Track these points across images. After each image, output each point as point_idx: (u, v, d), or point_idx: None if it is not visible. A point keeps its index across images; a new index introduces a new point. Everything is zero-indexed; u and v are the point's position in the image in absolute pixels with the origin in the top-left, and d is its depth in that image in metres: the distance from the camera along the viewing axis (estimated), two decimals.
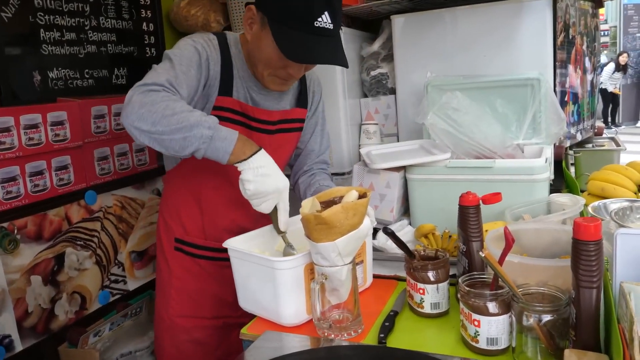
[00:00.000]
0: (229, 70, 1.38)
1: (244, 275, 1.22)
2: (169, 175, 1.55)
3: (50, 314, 1.79)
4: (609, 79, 10.99)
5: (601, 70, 10.86)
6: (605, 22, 13.93)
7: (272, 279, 1.11)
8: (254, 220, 1.44)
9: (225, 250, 1.42)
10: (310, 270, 1.13)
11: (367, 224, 1.12)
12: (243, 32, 1.40)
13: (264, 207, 1.25)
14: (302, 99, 1.56)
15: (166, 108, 1.17)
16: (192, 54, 1.31)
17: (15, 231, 1.67)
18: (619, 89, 11.26)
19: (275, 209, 1.28)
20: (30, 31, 1.77)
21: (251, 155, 1.20)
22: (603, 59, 11.18)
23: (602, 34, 13.40)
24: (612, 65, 11.03)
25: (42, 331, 1.77)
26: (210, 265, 1.52)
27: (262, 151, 1.23)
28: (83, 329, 1.89)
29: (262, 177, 1.21)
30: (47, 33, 1.82)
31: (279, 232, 1.31)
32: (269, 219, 1.32)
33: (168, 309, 1.53)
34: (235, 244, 1.24)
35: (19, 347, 1.69)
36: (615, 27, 13.48)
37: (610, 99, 11.19)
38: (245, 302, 1.25)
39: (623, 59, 10.97)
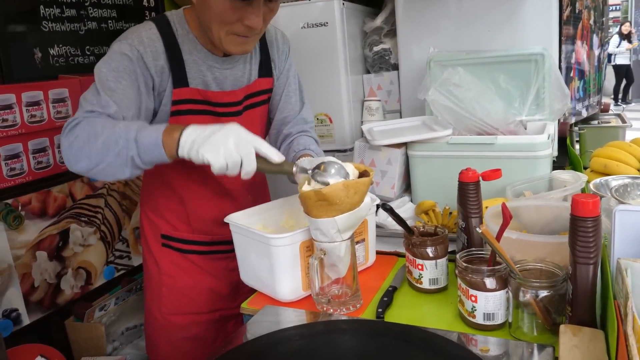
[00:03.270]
0: (178, 59, 1.25)
1: (243, 250, 1.23)
2: (146, 172, 1.40)
3: (56, 289, 1.82)
4: (619, 53, 10.78)
5: (607, 46, 10.68)
6: None
7: (268, 255, 1.12)
8: (243, 208, 1.36)
9: (216, 242, 1.43)
10: (307, 247, 1.13)
11: (368, 202, 1.12)
12: (187, 6, 1.29)
13: (247, 164, 1.06)
14: (264, 68, 1.42)
15: (89, 137, 1.08)
16: (119, 62, 1.18)
17: (20, 207, 1.69)
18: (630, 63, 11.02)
19: (254, 154, 1.08)
20: (30, 8, 1.76)
21: (179, 137, 1.06)
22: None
23: (614, 8, 13.15)
24: (616, 38, 10.81)
25: (49, 305, 1.80)
26: (201, 259, 1.46)
27: (189, 127, 1.08)
28: (89, 303, 1.92)
29: (205, 143, 1.04)
30: (47, 10, 1.81)
31: (278, 165, 1.11)
32: (261, 200, 1.30)
33: (161, 308, 1.46)
34: (236, 219, 1.24)
35: (26, 320, 1.72)
36: (627, 1, 13.24)
37: (623, 74, 10.99)
38: (246, 276, 1.26)
39: (626, 28, 10.74)
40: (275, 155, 1.09)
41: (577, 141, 2.15)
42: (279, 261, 1.11)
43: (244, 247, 1.23)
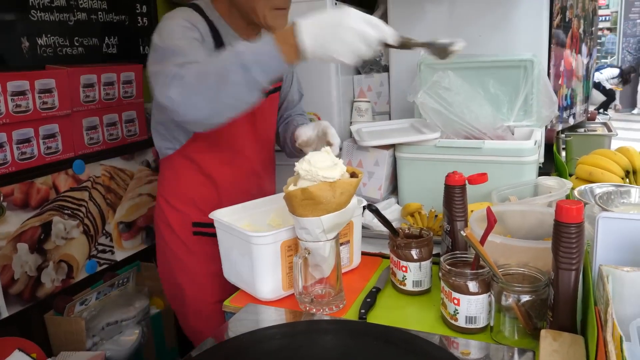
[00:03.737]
0: (219, 41, 1.35)
1: (226, 247, 1.22)
2: (170, 160, 1.46)
3: (37, 282, 1.80)
4: (607, 80, 10.89)
5: (603, 66, 10.76)
6: (607, 7, 13.81)
7: (249, 253, 1.11)
8: (265, 188, 1.49)
9: None
10: (288, 247, 1.13)
11: (354, 204, 1.12)
12: (198, 1, 1.37)
13: (374, 38, 1.02)
14: None
15: (199, 78, 1.09)
16: (183, 32, 1.23)
17: (2, 198, 1.66)
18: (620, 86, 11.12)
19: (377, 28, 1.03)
20: None
21: (297, 36, 1.03)
22: (611, 43, 10.94)
23: (603, 19, 13.29)
24: (615, 72, 10.92)
25: (29, 298, 1.77)
26: None
27: (300, 27, 1.04)
28: (69, 297, 1.89)
29: (335, 38, 1.01)
30: None
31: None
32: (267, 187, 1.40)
33: (207, 298, 1.47)
34: (221, 215, 1.23)
35: (4, 313, 1.70)
36: (617, 12, 13.38)
37: (606, 92, 11.11)
38: (229, 273, 1.26)
39: (631, 77, 10.90)
40: (387, 29, 1.06)
41: (563, 148, 2.17)
42: (259, 260, 1.11)
43: (226, 244, 1.22)
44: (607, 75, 10.72)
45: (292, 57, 1.05)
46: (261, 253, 1.10)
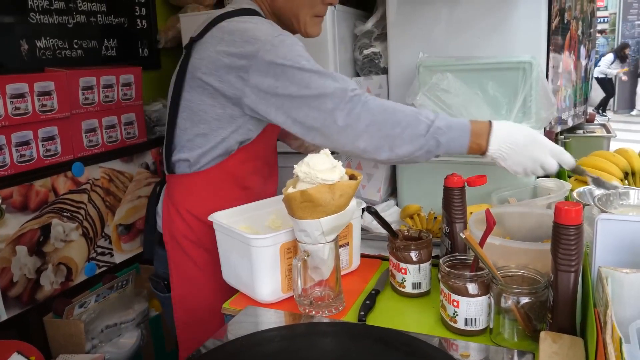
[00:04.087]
0: None
1: (225, 249, 1.22)
2: (205, 174, 1.35)
3: (36, 285, 1.79)
4: (608, 69, 10.92)
5: (599, 60, 10.80)
6: (606, 8, 13.85)
7: (248, 255, 1.11)
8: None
9: None
10: (287, 249, 1.13)
11: (354, 206, 1.12)
12: (252, 6, 1.34)
13: (545, 167, 1.20)
14: None
15: (384, 113, 1.15)
16: (302, 47, 1.25)
17: (1, 201, 1.66)
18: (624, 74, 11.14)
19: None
20: None
21: (487, 142, 1.17)
22: (602, 46, 11.06)
23: (602, 20, 13.33)
24: (610, 56, 10.96)
25: (28, 301, 1.77)
26: None
27: (494, 126, 1.19)
28: (68, 300, 1.89)
29: (512, 159, 1.18)
30: (35, 1, 1.79)
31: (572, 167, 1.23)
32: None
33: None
34: (220, 217, 1.23)
35: (3, 316, 1.69)
36: (615, 14, 13.41)
37: (609, 87, 11.13)
38: (228, 276, 1.26)
39: (627, 51, 10.92)
40: (569, 160, 1.21)
41: None
42: (258, 262, 1.11)
43: (226, 246, 1.22)
44: (605, 63, 10.74)
45: (473, 151, 1.18)
46: (260, 255, 1.10)
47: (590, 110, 2.81)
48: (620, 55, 10.91)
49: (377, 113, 1.15)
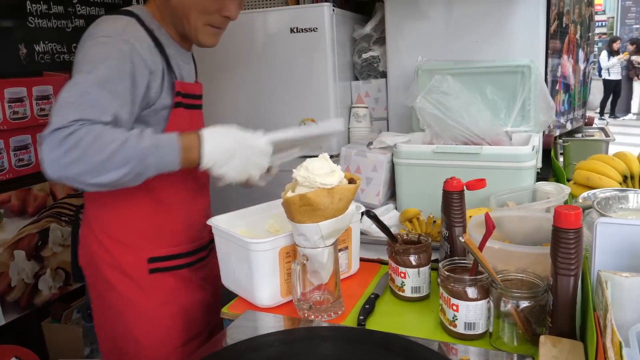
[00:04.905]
0: (164, 52, 1.22)
1: (224, 253, 1.22)
2: (114, 190, 1.16)
3: (34, 289, 1.79)
4: (612, 66, 10.94)
5: (598, 63, 10.83)
6: (603, 12, 13.90)
7: (247, 259, 1.11)
8: (210, 205, 1.40)
9: (202, 248, 1.38)
10: (287, 253, 1.12)
11: (353, 210, 1.12)
12: (144, 3, 1.26)
13: (258, 172, 1.20)
14: (195, 69, 1.42)
15: (97, 153, 1.01)
16: (118, 60, 1.09)
17: None
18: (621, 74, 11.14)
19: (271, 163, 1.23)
20: (17, 3, 1.74)
21: (199, 155, 1.11)
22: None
23: (600, 24, 13.37)
24: (604, 54, 10.99)
25: (26, 306, 1.76)
26: (192, 272, 1.36)
27: (204, 137, 1.12)
28: (67, 304, 1.89)
29: (228, 165, 1.14)
30: (34, 5, 1.79)
31: (299, 145, 1.27)
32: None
33: (171, 343, 1.31)
34: (218, 222, 1.23)
35: (1, 321, 1.69)
36: (613, 17, 13.46)
37: (612, 89, 11.14)
38: (227, 280, 1.25)
39: (616, 45, 10.94)
40: (292, 132, 1.22)
41: (561, 153, 2.17)
42: (257, 266, 1.10)
43: (225, 250, 1.22)
44: (603, 61, 10.76)
45: (187, 165, 1.12)
46: (259, 260, 1.10)
47: (591, 114, 2.81)
48: (611, 50, 10.94)
49: (86, 141, 1.00)
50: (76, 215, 1.43)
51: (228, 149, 1.14)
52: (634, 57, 10.79)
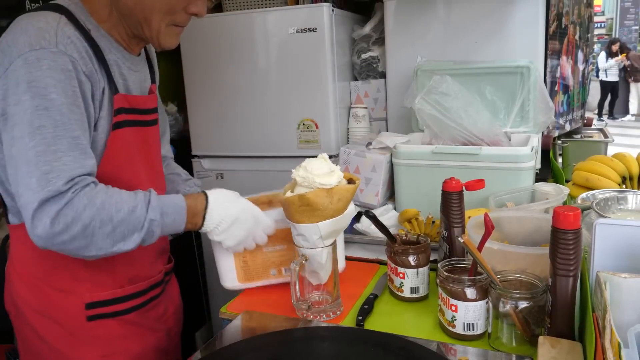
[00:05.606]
0: (102, 59, 1.03)
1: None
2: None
3: None
4: (609, 68, 10.96)
5: (596, 64, 10.85)
6: (602, 13, 13.92)
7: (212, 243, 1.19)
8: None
9: (151, 287, 1.19)
10: None
11: (352, 210, 1.12)
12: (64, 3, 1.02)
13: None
14: (151, 70, 1.25)
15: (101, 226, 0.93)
16: (65, 82, 0.93)
17: None
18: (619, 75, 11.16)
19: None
20: (15, 2, 1.74)
21: (203, 219, 1.07)
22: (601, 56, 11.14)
23: (599, 25, 13.39)
24: (603, 55, 11.01)
25: None
26: (139, 315, 1.16)
27: (210, 203, 1.08)
28: None
29: (227, 232, 1.10)
30: (33, 5, 1.78)
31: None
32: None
33: None
34: None
35: None
36: (612, 19, 13.49)
37: (609, 90, 11.16)
38: None
39: (615, 47, 10.96)
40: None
41: (559, 154, 2.17)
42: (216, 250, 1.19)
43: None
44: (601, 63, 10.79)
45: (190, 229, 1.08)
46: (215, 243, 1.17)
47: (590, 115, 2.81)
48: (610, 51, 10.97)
49: (87, 215, 0.92)
50: (1, 247, 1.21)
51: (232, 215, 1.10)
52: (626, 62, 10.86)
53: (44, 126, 0.90)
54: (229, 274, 1.21)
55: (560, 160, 2.15)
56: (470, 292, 0.95)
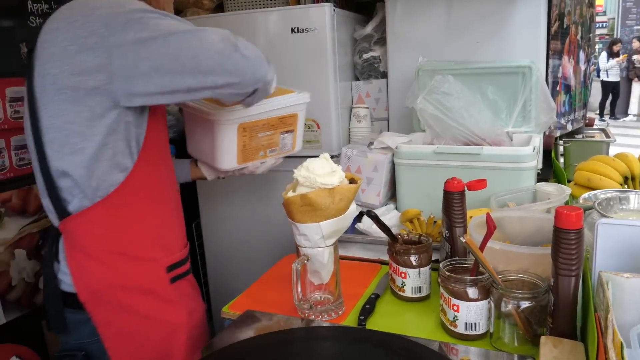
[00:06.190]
0: None
1: (190, 127, 1.45)
2: (118, 197, 1.09)
3: (35, 288, 1.79)
4: (610, 68, 10.94)
5: (593, 61, 10.83)
6: (604, 13, 13.89)
7: (211, 129, 1.31)
8: None
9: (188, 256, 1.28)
10: (243, 129, 1.34)
11: (353, 210, 1.12)
12: None
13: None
14: None
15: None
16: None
17: (0, 204, 1.66)
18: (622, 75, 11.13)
19: None
20: (17, 3, 1.74)
21: None
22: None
23: (601, 25, 13.36)
24: (604, 55, 10.99)
25: (26, 305, 1.76)
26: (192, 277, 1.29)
27: None
28: None
29: None
30: (35, 5, 1.79)
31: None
32: None
33: (200, 349, 1.20)
34: None
35: (2, 320, 1.69)
36: (614, 19, 13.46)
37: (610, 90, 11.14)
38: (193, 150, 1.49)
39: (616, 48, 10.95)
40: None
41: (561, 154, 2.17)
42: (222, 133, 1.31)
43: (190, 124, 1.45)
44: (602, 63, 10.77)
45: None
46: (221, 129, 1.29)
47: (591, 115, 2.81)
48: (611, 52, 10.95)
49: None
50: (48, 253, 1.17)
51: None
52: (635, 56, 10.78)
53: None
54: (229, 156, 1.35)
55: (562, 160, 2.15)
56: (472, 292, 0.95)
